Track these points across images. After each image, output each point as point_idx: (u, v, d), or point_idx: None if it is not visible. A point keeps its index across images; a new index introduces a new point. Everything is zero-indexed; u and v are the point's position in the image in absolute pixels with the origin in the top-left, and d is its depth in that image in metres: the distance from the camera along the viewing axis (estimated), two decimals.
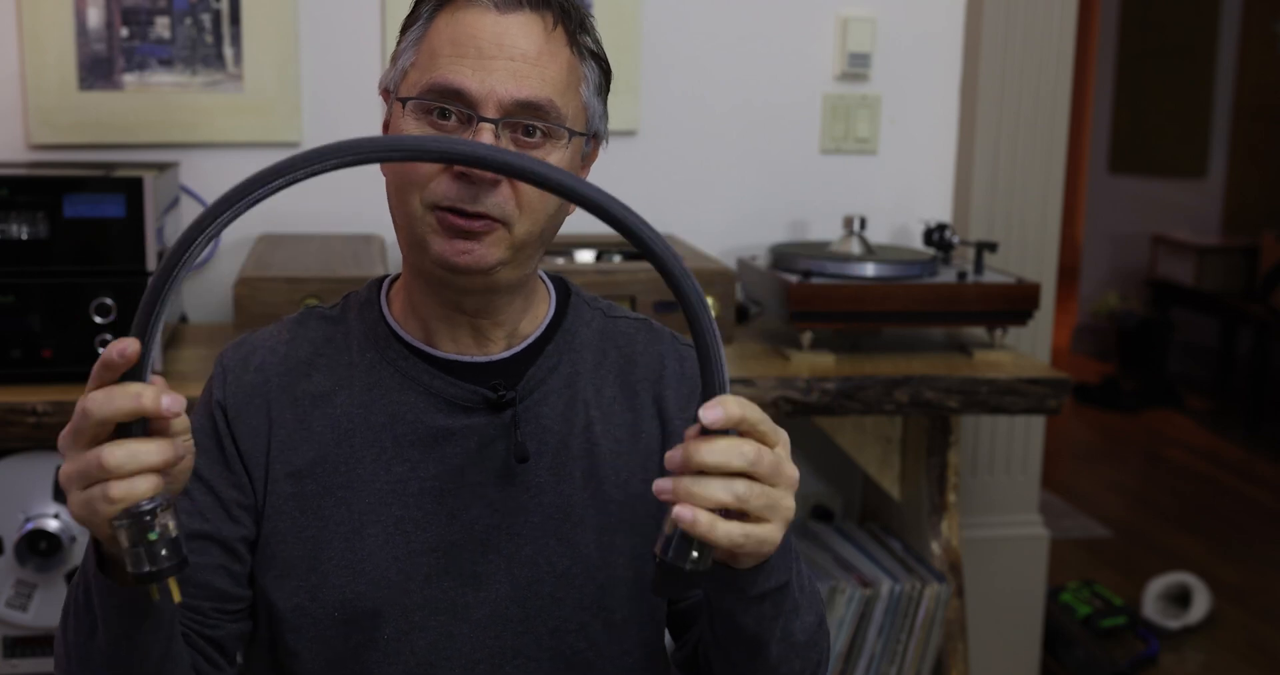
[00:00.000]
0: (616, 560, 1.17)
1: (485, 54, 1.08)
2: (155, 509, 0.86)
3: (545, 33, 1.10)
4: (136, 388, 0.86)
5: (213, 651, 1.14)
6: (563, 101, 1.11)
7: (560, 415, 1.18)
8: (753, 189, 2.44)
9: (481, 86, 1.08)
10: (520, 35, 1.09)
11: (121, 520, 0.86)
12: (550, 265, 2.05)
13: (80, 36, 2.14)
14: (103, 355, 0.87)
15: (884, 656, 2.17)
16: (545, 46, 1.10)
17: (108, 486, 0.85)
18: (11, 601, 1.86)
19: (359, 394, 1.17)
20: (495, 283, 1.12)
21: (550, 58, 1.10)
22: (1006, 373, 2.04)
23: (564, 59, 1.12)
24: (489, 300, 1.15)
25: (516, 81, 1.08)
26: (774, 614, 1.04)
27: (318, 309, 1.23)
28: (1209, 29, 5.88)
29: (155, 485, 0.87)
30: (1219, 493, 4.37)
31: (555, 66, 1.11)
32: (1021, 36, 2.43)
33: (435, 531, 1.14)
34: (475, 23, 1.09)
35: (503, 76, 1.08)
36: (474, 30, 1.09)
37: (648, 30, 2.35)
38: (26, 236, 1.76)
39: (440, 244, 1.10)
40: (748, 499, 0.90)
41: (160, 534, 0.86)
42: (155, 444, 0.87)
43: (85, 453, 0.86)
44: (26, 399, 1.74)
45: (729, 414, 0.89)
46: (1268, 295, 5.10)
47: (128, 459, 0.85)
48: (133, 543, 0.86)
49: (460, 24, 1.10)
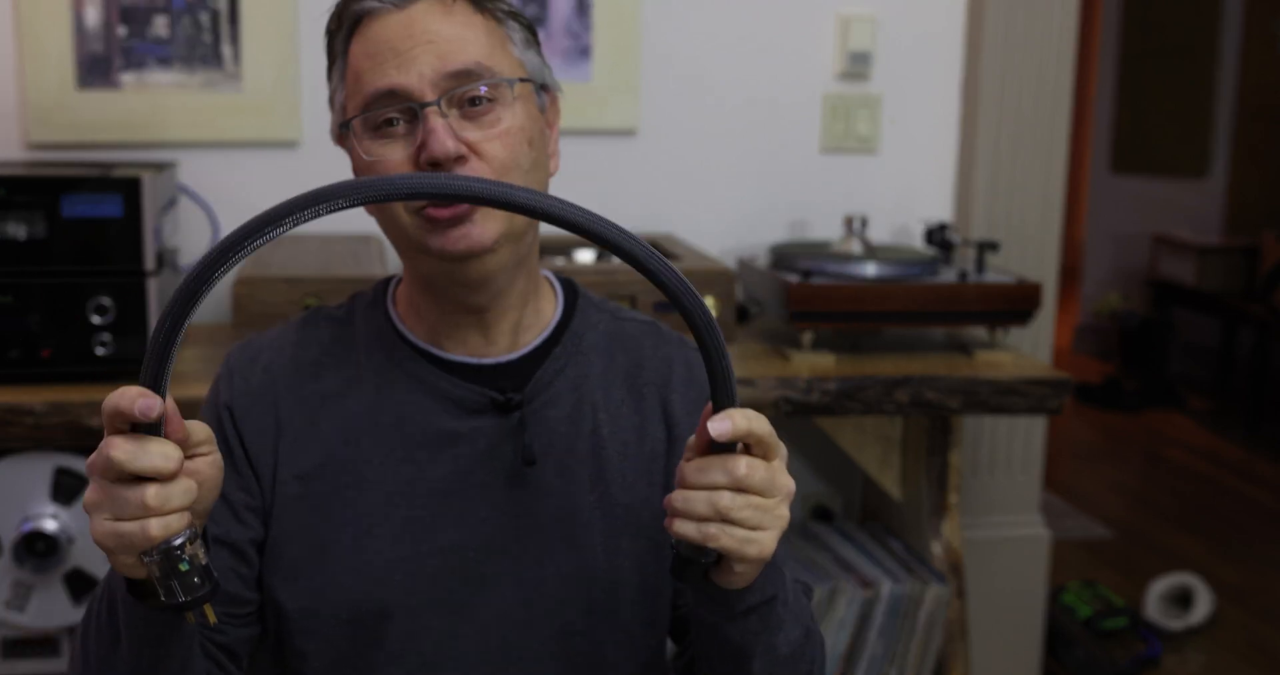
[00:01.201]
0: (622, 563, 1.17)
1: (401, 49, 1.09)
2: (184, 543, 0.88)
3: (447, 9, 1.11)
4: (161, 449, 0.87)
5: (223, 657, 1.14)
6: (492, 60, 1.11)
7: (567, 418, 1.18)
8: (753, 189, 2.44)
9: (409, 76, 1.09)
10: (426, 19, 1.10)
11: (152, 555, 0.88)
12: (550, 265, 2.04)
13: (78, 35, 2.14)
14: (121, 404, 0.86)
15: (884, 657, 2.16)
16: (454, 20, 1.11)
17: (147, 525, 0.87)
18: (9, 602, 1.86)
19: (367, 395, 1.17)
20: (498, 265, 1.12)
21: (464, 27, 1.11)
22: (1007, 373, 2.03)
23: (478, 24, 1.12)
24: (491, 291, 1.14)
25: (440, 58, 1.09)
26: (759, 628, 1.05)
27: (325, 310, 1.23)
28: (1210, 29, 5.87)
29: (189, 522, 0.89)
30: (1219, 493, 4.37)
31: (472, 33, 1.11)
32: (1023, 36, 2.43)
33: (442, 533, 1.14)
34: (382, 29, 1.11)
35: (425, 59, 1.09)
36: (384, 36, 1.10)
37: (648, 30, 2.35)
38: (24, 236, 1.76)
39: (436, 240, 1.10)
40: (730, 510, 0.93)
41: (191, 564, 0.88)
42: (186, 485, 0.88)
43: (121, 489, 0.87)
44: (24, 399, 1.73)
45: (736, 428, 0.92)
46: (1268, 295, 5.10)
47: (167, 500, 0.87)
48: (165, 575, 0.88)
49: (370, 38, 1.11)
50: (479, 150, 1.10)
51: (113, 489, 0.87)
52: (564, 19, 2.30)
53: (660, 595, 1.20)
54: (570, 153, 2.39)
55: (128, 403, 0.85)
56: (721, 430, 0.92)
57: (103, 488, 0.88)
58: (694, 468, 0.94)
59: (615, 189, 2.38)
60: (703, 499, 0.94)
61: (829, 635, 2.14)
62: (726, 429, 0.92)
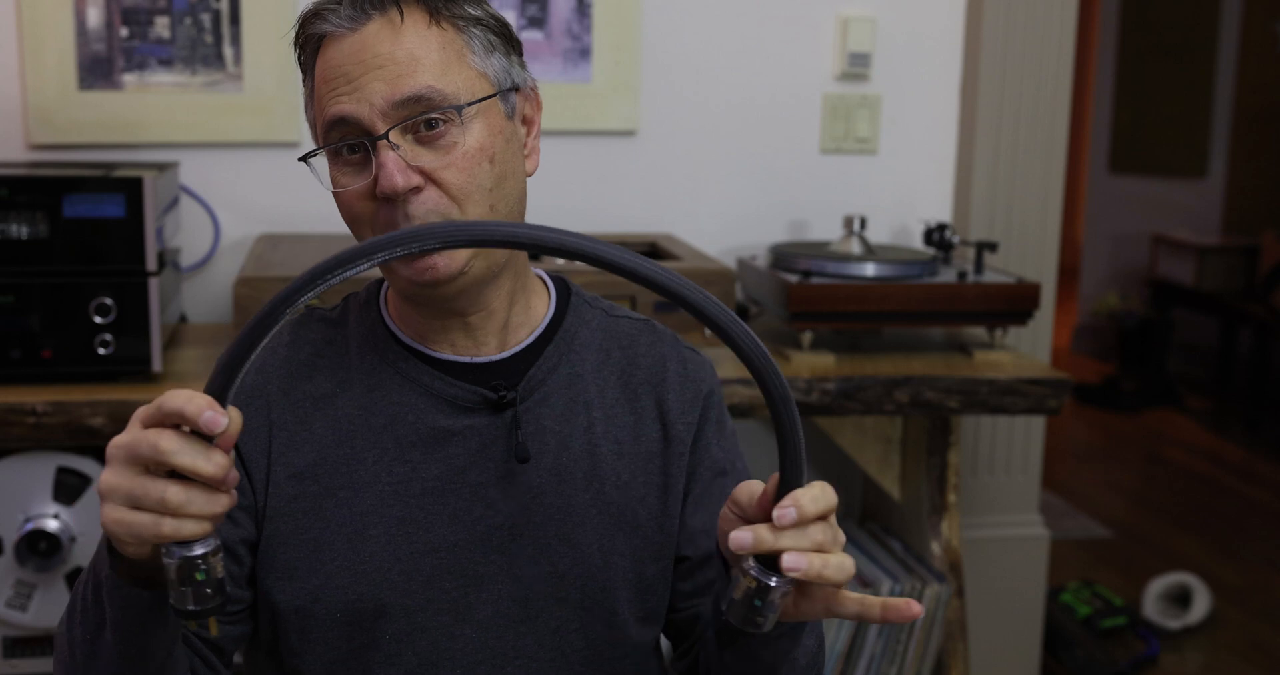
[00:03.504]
0: (617, 561, 1.18)
1: (352, 75, 1.09)
2: (207, 554, 0.89)
3: (396, 29, 1.09)
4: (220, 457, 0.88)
5: (209, 653, 1.14)
6: (444, 81, 1.09)
7: (561, 416, 1.18)
8: (752, 189, 2.44)
9: (359, 106, 1.08)
10: (376, 42, 1.09)
11: (171, 557, 0.89)
12: (550, 265, 2.05)
13: (80, 36, 2.14)
14: (188, 410, 0.87)
15: (884, 657, 2.17)
16: (404, 40, 1.09)
17: (160, 522, 0.88)
18: (11, 602, 1.86)
19: (360, 395, 1.17)
20: (474, 278, 1.12)
21: (415, 46, 1.09)
22: (1007, 373, 2.03)
23: (432, 41, 1.10)
24: (473, 296, 1.15)
25: (388, 85, 1.08)
26: (790, 647, 1.06)
27: (318, 311, 1.24)
28: (1209, 29, 5.88)
29: (204, 530, 0.89)
30: (1219, 493, 4.37)
31: (423, 51, 1.09)
32: (1022, 36, 2.43)
33: (437, 532, 1.15)
34: (336, 52, 1.10)
35: (374, 87, 1.08)
36: (338, 59, 1.10)
37: (648, 30, 2.35)
38: (26, 236, 1.76)
39: (404, 269, 1.10)
40: (832, 540, 0.93)
41: (207, 575, 0.89)
42: (214, 498, 0.89)
43: (145, 479, 0.88)
44: (26, 399, 1.74)
45: (803, 514, 0.91)
46: (1268, 295, 5.10)
47: (186, 504, 0.88)
48: (180, 580, 0.89)
49: (327, 61, 1.11)
50: (435, 178, 1.09)
51: (137, 477, 0.88)
52: (564, 19, 2.30)
53: (655, 593, 1.21)
54: (570, 153, 2.42)
55: (194, 409, 0.87)
56: (787, 517, 0.90)
57: (125, 474, 0.89)
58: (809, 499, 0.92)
59: (615, 189, 2.38)
60: (818, 529, 0.92)
61: (829, 635, 2.15)
62: (792, 516, 0.90)
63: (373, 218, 1.11)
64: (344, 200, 1.12)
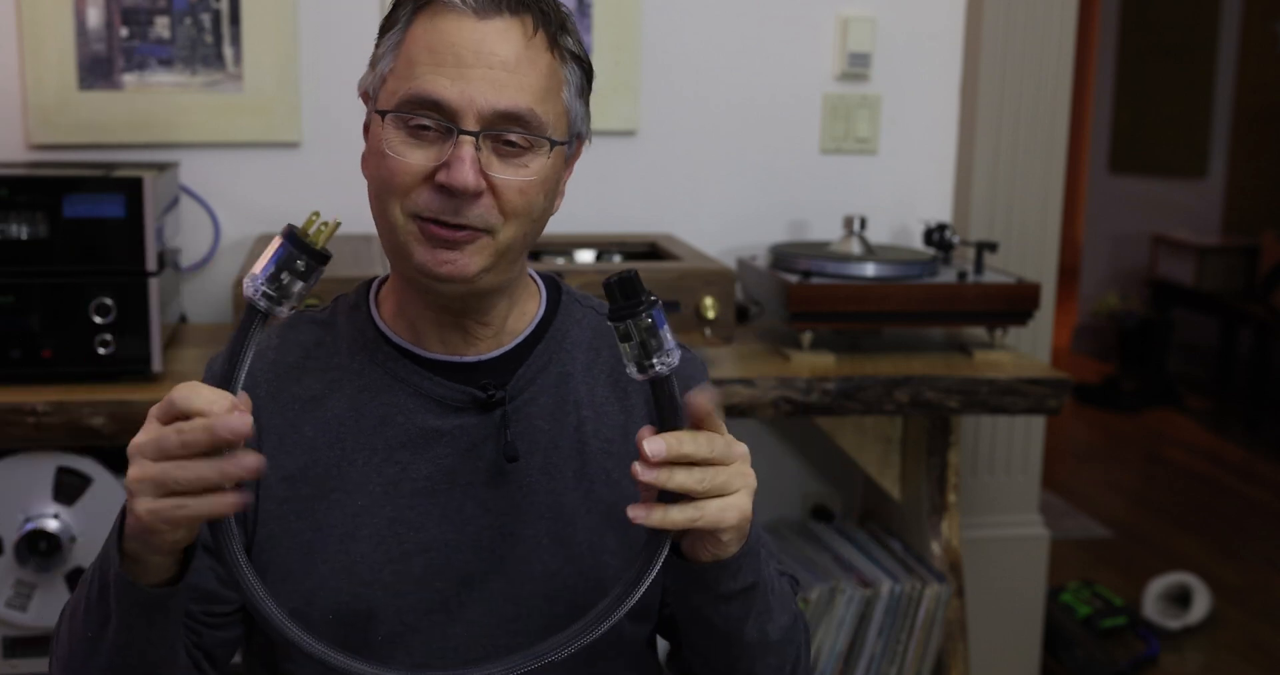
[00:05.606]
0: (608, 559, 1.18)
1: (464, 62, 1.07)
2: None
3: (525, 38, 1.09)
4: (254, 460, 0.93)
5: (203, 661, 1.15)
6: (543, 109, 1.09)
7: (550, 415, 1.18)
8: (752, 189, 2.44)
9: (460, 97, 1.06)
10: (499, 42, 1.07)
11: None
12: (550, 265, 2.05)
13: (80, 36, 2.14)
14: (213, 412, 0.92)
15: (884, 657, 2.17)
16: (525, 53, 1.08)
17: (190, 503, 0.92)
18: (11, 602, 1.86)
19: (349, 397, 1.17)
20: (479, 288, 1.13)
21: (530, 64, 1.09)
22: (1006, 373, 2.03)
23: (544, 64, 1.10)
24: (475, 302, 1.15)
25: (496, 91, 1.07)
26: (742, 614, 1.07)
27: (307, 313, 1.24)
28: (1209, 29, 5.88)
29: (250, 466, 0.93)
30: (1219, 493, 4.37)
31: (535, 73, 1.09)
32: (1021, 36, 2.43)
33: (428, 532, 1.15)
34: (453, 30, 1.08)
35: (482, 86, 1.06)
36: (452, 38, 1.07)
37: (648, 30, 2.35)
38: (26, 236, 1.76)
39: (422, 253, 1.10)
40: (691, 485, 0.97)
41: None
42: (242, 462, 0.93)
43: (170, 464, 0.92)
44: (26, 399, 1.74)
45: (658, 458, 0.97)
46: (1268, 295, 5.10)
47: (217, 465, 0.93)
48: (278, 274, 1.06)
49: (438, 31, 1.08)
50: (497, 190, 1.09)
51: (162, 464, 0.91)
52: None
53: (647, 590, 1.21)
54: None
55: (219, 411, 0.90)
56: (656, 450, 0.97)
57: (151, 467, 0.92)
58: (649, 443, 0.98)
59: (615, 189, 2.38)
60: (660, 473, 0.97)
61: (829, 635, 2.15)
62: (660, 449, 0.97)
63: (414, 194, 1.09)
64: (394, 167, 1.09)
